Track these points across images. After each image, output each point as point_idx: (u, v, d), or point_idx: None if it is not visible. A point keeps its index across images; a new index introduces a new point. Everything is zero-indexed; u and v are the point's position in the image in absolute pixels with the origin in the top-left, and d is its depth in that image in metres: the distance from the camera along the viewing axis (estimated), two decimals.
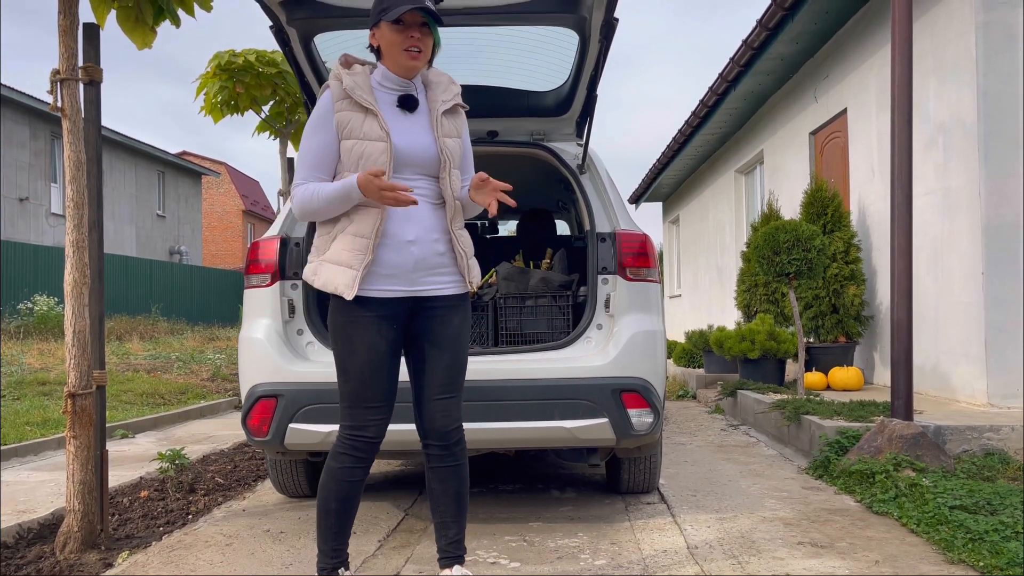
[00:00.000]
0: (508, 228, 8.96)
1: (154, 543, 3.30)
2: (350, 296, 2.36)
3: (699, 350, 9.53)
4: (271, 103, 7.33)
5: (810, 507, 3.73)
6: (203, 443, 5.95)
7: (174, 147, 70.76)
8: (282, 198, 7.73)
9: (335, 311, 2.43)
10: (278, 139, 7.63)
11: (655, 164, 14.22)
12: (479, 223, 6.76)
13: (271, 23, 3.38)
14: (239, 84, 6.90)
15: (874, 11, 6.89)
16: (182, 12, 3.39)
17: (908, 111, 4.51)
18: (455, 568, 2.50)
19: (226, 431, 6.64)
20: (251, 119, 10.39)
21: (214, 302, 24.53)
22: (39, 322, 13.84)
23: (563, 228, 7.18)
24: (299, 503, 3.99)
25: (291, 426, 3.30)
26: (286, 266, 3.56)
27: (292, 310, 3.53)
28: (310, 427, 3.29)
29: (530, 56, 3.81)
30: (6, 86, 18.36)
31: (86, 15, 4.01)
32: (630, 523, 3.51)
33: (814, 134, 8.59)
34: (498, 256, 5.36)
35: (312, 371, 3.38)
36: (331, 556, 2.46)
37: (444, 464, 2.51)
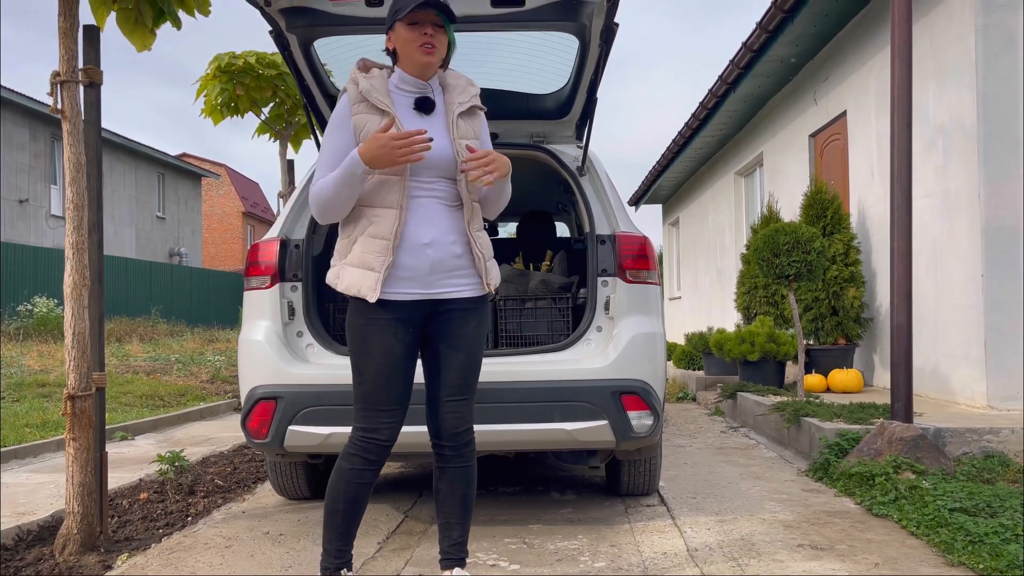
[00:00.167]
0: (508, 230, 8.97)
1: (153, 545, 3.29)
2: (373, 299, 2.35)
3: (699, 352, 9.53)
4: (271, 105, 7.33)
5: (810, 509, 3.73)
6: (203, 445, 5.95)
7: (174, 149, 70.94)
8: (282, 200, 7.71)
9: (353, 313, 2.43)
10: (278, 141, 7.63)
11: (655, 166, 14.21)
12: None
13: (271, 28, 3.39)
14: (239, 86, 6.91)
15: (874, 13, 6.89)
16: (183, 13, 3.39)
17: (908, 113, 4.51)
18: (456, 570, 2.50)
19: (226, 433, 6.64)
20: (251, 121, 10.38)
21: (214, 304, 24.52)
22: (39, 324, 13.84)
23: (563, 230, 7.17)
24: (299, 505, 3.99)
25: (291, 428, 3.30)
26: (286, 268, 3.56)
27: (292, 312, 3.53)
28: (310, 429, 3.28)
29: (530, 59, 3.82)
30: (6, 88, 18.36)
31: (86, 17, 4.00)
32: (630, 525, 3.51)
33: (814, 136, 8.59)
34: (498, 258, 5.35)
35: (312, 373, 3.38)
36: (335, 556, 2.46)
37: (454, 465, 2.51)
